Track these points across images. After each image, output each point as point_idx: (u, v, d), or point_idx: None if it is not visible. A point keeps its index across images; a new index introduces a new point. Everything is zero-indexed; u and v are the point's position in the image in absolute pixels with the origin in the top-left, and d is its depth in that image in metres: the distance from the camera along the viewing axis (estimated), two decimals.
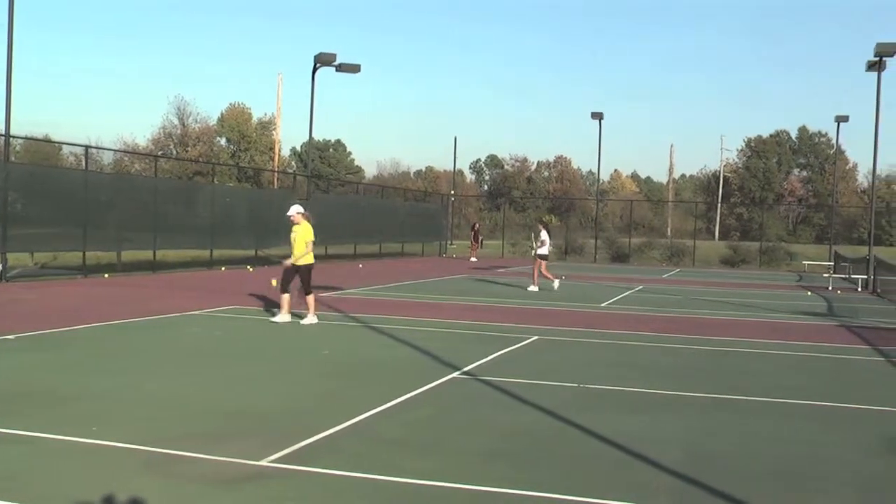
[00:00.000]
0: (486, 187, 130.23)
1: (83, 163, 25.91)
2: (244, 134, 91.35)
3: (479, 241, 49.81)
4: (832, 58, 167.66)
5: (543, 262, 25.60)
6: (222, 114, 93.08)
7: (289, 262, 15.79)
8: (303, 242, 15.60)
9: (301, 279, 15.78)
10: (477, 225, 52.59)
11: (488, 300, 21.62)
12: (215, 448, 7.02)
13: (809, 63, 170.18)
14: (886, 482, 6.94)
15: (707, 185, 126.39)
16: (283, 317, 15.67)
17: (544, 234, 25.98)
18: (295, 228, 15.71)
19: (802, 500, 6.37)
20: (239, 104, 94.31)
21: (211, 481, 6.26)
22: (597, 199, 67.22)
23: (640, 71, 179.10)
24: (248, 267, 31.56)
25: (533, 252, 26.22)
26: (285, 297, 15.76)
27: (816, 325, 18.44)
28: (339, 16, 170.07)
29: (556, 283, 25.15)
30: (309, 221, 15.88)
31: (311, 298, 15.75)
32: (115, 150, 59.21)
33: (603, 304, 21.65)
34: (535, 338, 14.57)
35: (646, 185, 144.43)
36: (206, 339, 13.59)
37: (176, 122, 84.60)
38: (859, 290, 30.63)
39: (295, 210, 15.88)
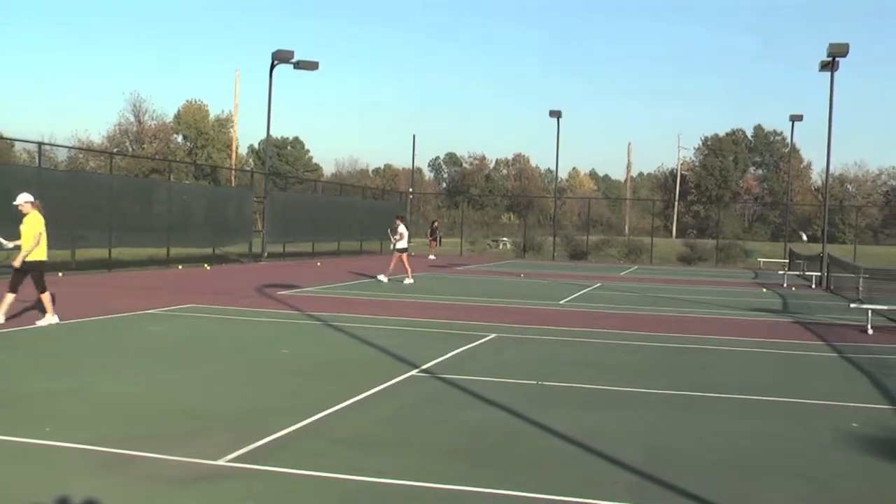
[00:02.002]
0: (444, 185, 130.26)
1: (36, 160, 25.49)
2: (201, 131, 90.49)
3: (438, 238, 49.82)
4: (787, 57, 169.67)
5: (404, 255, 26.45)
6: (179, 110, 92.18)
7: (17, 261, 13.97)
8: (30, 236, 13.88)
9: (32, 277, 14.07)
10: (436, 223, 52.59)
11: (447, 298, 21.63)
12: (173, 448, 6.95)
13: (765, 63, 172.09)
14: (838, 475, 7.03)
15: (664, 183, 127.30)
16: None
17: (402, 228, 26.76)
18: (25, 220, 13.95)
19: (758, 494, 6.44)
20: (196, 101, 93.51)
21: (168, 481, 6.20)
22: (555, 196, 67.60)
23: (597, 69, 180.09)
24: (206, 265, 31.33)
25: (392, 246, 27.23)
26: (9, 298, 13.90)
27: (772, 322, 18.65)
28: (296, 13, 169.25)
29: (408, 280, 25.85)
30: (40, 211, 14.12)
31: (45, 297, 14.12)
32: (69, 147, 58.23)
33: (561, 302, 21.75)
34: (494, 335, 14.60)
35: (604, 183, 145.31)
36: (163, 338, 13.46)
37: (132, 118, 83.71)
38: (813, 286, 31.06)
39: (23, 199, 14.02)
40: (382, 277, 25.90)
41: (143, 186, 36.09)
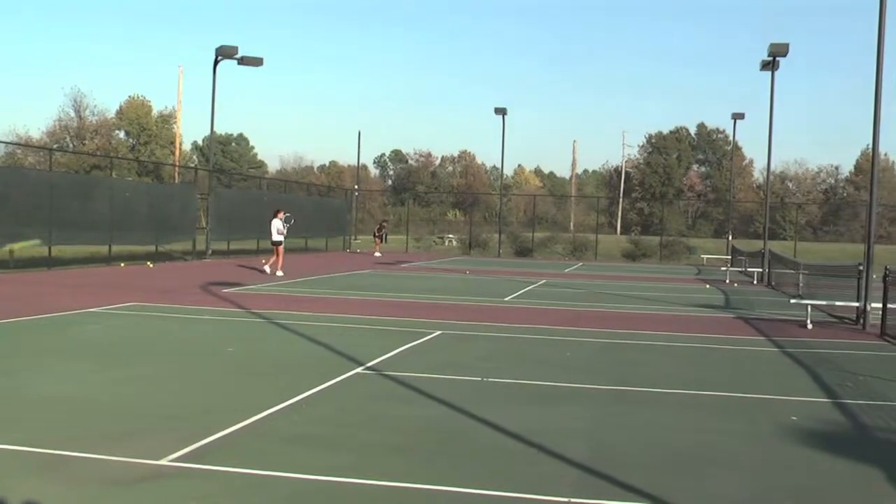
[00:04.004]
0: (390, 182, 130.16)
1: None
2: (144, 127, 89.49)
3: (384, 236, 49.70)
4: (729, 56, 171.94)
5: (280, 249, 27.80)
6: (121, 106, 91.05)
7: None
8: None
9: None
10: (385, 222, 52.41)
11: (392, 295, 21.60)
12: (113, 448, 6.85)
13: (707, 61, 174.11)
14: (777, 467, 7.14)
15: (609, 180, 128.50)
16: None
17: (277, 223, 27.84)
18: None
19: (699, 487, 6.52)
20: (139, 96, 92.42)
21: (109, 482, 6.11)
22: (500, 193, 67.88)
23: (542, 67, 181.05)
24: (149, 263, 30.94)
25: (272, 240, 28.30)
26: None
27: (714, 318, 18.89)
28: (240, 8, 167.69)
29: (279, 273, 27.18)
30: None
31: None
32: (6, 143, 57.22)
33: (507, 299, 21.82)
34: (439, 332, 14.60)
35: (549, 181, 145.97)
36: (105, 337, 13.25)
37: (72, 114, 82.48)
38: (755, 282, 31.53)
39: None
40: (267, 269, 27.38)
41: (84, 183, 35.57)
